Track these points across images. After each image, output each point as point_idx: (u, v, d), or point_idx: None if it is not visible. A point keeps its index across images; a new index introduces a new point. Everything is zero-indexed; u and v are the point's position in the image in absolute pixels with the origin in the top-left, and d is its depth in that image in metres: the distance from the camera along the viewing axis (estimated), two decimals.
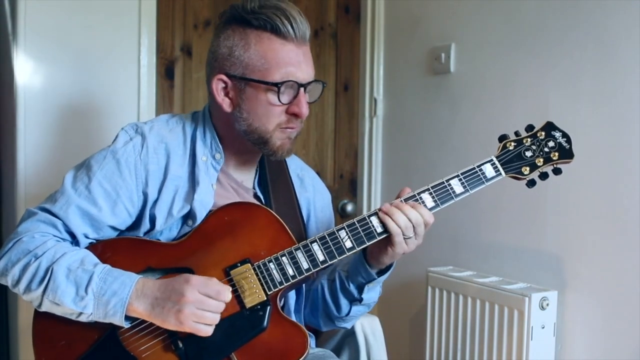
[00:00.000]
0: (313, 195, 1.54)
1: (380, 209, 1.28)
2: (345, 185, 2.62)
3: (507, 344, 1.83)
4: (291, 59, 1.29)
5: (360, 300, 1.39)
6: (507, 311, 1.83)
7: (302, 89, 1.30)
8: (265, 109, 1.30)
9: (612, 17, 1.72)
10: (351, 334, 1.57)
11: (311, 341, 1.49)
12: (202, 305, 1.17)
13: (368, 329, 1.58)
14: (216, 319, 1.19)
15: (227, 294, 1.20)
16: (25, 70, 1.91)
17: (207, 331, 1.19)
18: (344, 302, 1.41)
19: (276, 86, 1.28)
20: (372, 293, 1.40)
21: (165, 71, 2.24)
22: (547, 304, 1.79)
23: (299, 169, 1.55)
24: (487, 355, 1.89)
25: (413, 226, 1.27)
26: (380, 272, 1.37)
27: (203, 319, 1.18)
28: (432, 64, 2.28)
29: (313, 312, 1.48)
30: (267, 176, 1.46)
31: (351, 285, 1.38)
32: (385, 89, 2.52)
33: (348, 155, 2.62)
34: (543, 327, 1.80)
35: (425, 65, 2.32)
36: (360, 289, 1.38)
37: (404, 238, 1.27)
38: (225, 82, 1.33)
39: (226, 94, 1.33)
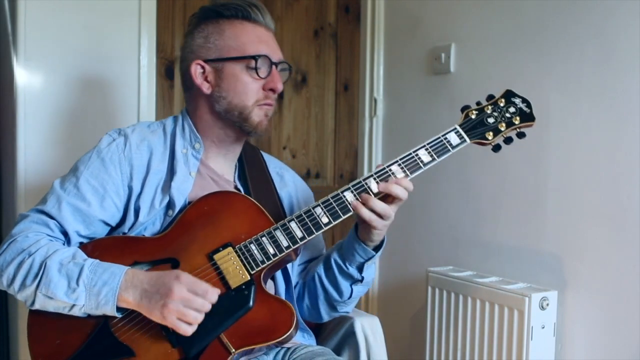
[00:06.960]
0: (294, 190, 1.58)
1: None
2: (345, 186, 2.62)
3: (507, 344, 1.83)
4: (262, 38, 1.41)
5: (362, 279, 1.45)
6: (507, 311, 1.83)
7: (274, 66, 1.40)
8: (244, 85, 1.39)
9: (612, 17, 1.72)
10: (351, 334, 1.57)
11: (311, 341, 1.51)
12: (188, 303, 1.20)
13: (368, 329, 1.58)
14: (199, 319, 1.21)
15: (214, 294, 1.22)
16: (25, 71, 1.91)
17: (186, 330, 1.21)
18: (344, 285, 1.46)
19: (253, 59, 1.37)
20: (370, 270, 1.46)
21: (165, 71, 2.24)
22: (547, 304, 1.79)
23: (278, 168, 1.61)
24: (487, 355, 1.89)
25: (381, 216, 1.32)
26: (376, 249, 1.42)
27: (186, 317, 1.20)
28: (432, 64, 2.28)
29: (312, 303, 1.52)
30: (246, 172, 1.51)
31: (350, 267, 1.43)
32: (385, 89, 2.52)
33: (348, 155, 2.62)
34: (543, 327, 1.80)
35: (425, 65, 2.32)
36: (360, 269, 1.43)
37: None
38: (202, 67, 1.41)
39: (204, 78, 1.41)
